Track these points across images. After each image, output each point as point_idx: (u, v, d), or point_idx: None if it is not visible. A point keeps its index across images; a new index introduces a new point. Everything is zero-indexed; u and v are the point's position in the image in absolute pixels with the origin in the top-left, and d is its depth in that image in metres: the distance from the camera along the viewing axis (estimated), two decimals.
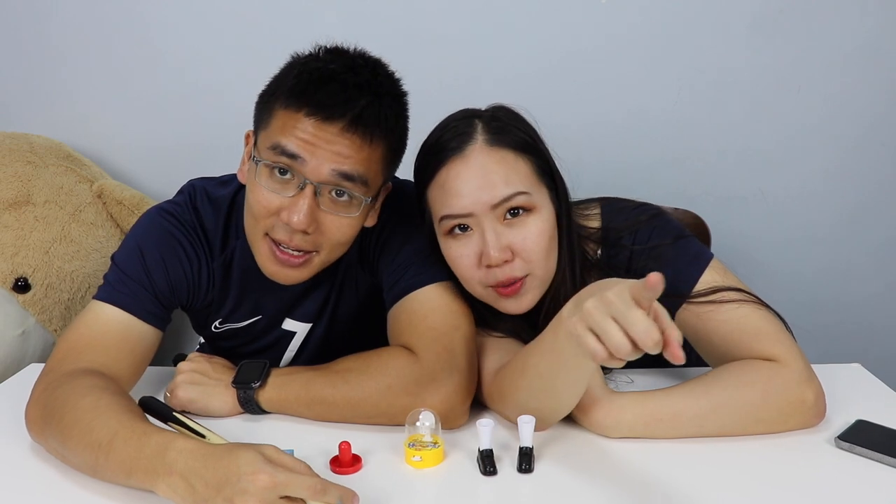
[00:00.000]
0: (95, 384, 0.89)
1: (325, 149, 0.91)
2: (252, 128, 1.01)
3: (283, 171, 0.94)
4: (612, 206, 1.07)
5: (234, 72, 1.65)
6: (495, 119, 0.98)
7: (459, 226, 0.97)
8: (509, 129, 0.97)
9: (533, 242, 0.95)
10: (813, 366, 1.09)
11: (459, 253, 0.97)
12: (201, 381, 1.00)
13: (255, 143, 0.98)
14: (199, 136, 1.70)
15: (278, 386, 0.98)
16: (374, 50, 0.99)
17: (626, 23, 1.61)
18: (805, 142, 1.68)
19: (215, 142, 1.66)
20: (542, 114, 1.02)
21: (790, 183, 1.71)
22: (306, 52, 0.98)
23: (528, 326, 1.04)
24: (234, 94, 1.66)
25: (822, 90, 1.64)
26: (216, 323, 1.11)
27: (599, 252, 1.05)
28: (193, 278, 1.06)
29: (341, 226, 0.97)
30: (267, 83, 0.99)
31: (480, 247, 0.95)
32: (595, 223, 1.06)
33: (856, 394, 1.03)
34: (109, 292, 1.01)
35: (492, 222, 0.94)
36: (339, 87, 0.91)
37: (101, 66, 1.69)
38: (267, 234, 0.98)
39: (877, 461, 0.86)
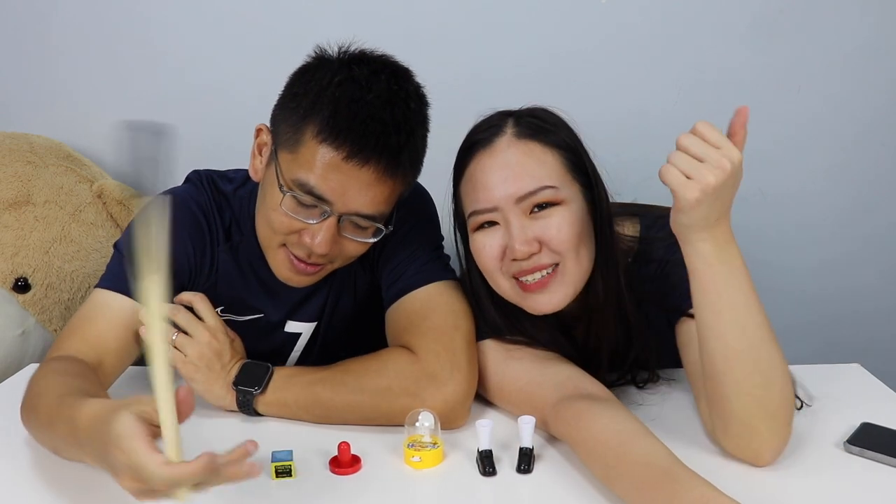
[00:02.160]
0: (58, 368, 0.89)
1: (354, 190, 0.91)
2: (260, 122, 1.00)
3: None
4: (649, 218, 1.04)
5: (235, 72, 1.66)
6: (528, 116, 0.97)
7: (487, 222, 0.95)
8: (541, 125, 0.95)
9: (561, 232, 0.91)
10: (813, 367, 1.10)
11: (483, 243, 0.95)
12: (211, 364, 0.98)
13: (276, 155, 0.94)
14: (199, 136, 1.69)
15: (277, 389, 0.98)
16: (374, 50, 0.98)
17: (626, 23, 1.61)
18: (805, 142, 1.67)
19: (216, 142, 1.66)
20: None
21: (790, 182, 1.70)
22: (334, 56, 0.94)
23: (567, 340, 1.03)
24: (234, 94, 1.67)
25: (822, 90, 1.64)
26: (218, 310, 1.10)
27: (629, 261, 1.02)
28: (196, 262, 1.05)
29: (358, 246, 0.99)
30: (291, 85, 0.95)
31: (505, 240, 0.92)
32: (629, 231, 1.03)
33: (856, 395, 1.03)
34: (107, 278, 1.01)
35: (518, 217, 0.92)
36: (378, 127, 0.89)
37: (101, 66, 1.68)
38: (283, 245, 0.98)
39: (887, 464, 0.86)
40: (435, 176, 1.06)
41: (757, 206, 1.72)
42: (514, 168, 0.92)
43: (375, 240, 0.99)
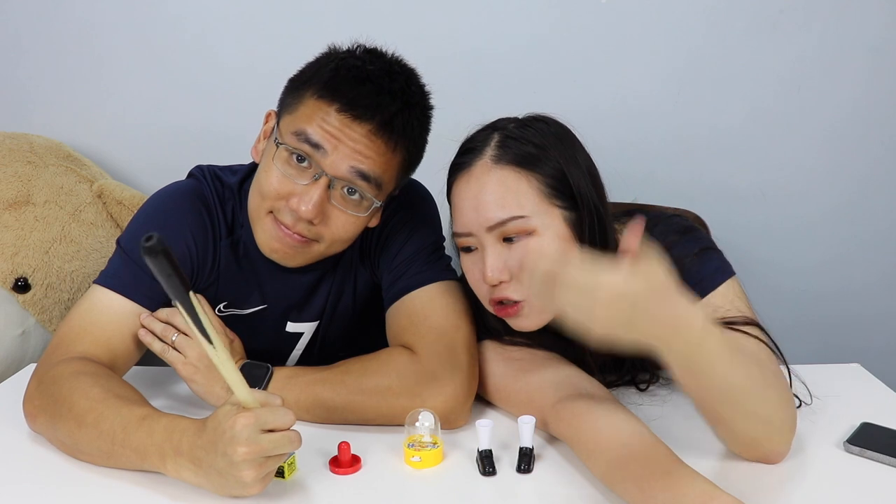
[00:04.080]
0: (97, 371, 0.91)
1: (348, 145, 0.93)
2: (270, 109, 1.03)
3: (301, 159, 0.94)
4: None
5: (235, 72, 1.66)
6: (513, 138, 0.95)
7: (467, 247, 0.96)
8: (520, 146, 0.94)
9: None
10: (813, 367, 1.10)
11: (468, 268, 0.97)
12: (210, 364, 0.95)
13: (278, 125, 0.98)
14: (200, 136, 1.70)
15: (277, 390, 0.97)
16: None
17: (626, 22, 1.61)
18: (805, 142, 1.67)
19: (216, 142, 1.66)
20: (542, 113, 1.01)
21: (790, 182, 1.70)
22: (344, 48, 0.99)
23: (566, 344, 1.02)
24: (234, 93, 1.67)
25: (822, 90, 1.64)
26: (220, 306, 1.10)
27: None
28: (199, 257, 1.05)
29: (346, 222, 0.98)
30: (300, 69, 1.00)
31: (481, 266, 0.94)
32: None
33: (857, 395, 1.03)
34: (110, 276, 1.01)
35: (492, 244, 0.93)
36: (373, 88, 0.93)
37: (101, 66, 1.68)
38: (271, 213, 0.98)
39: (887, 464, 0.86)
40: (434, 176, 1.06)
41: (757, 206, 1.72)
42: (485, 196, 0.92)
43: (365, 215, 0.98)
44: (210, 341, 0.72)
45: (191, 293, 0.69)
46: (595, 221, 0.94)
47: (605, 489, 0.81)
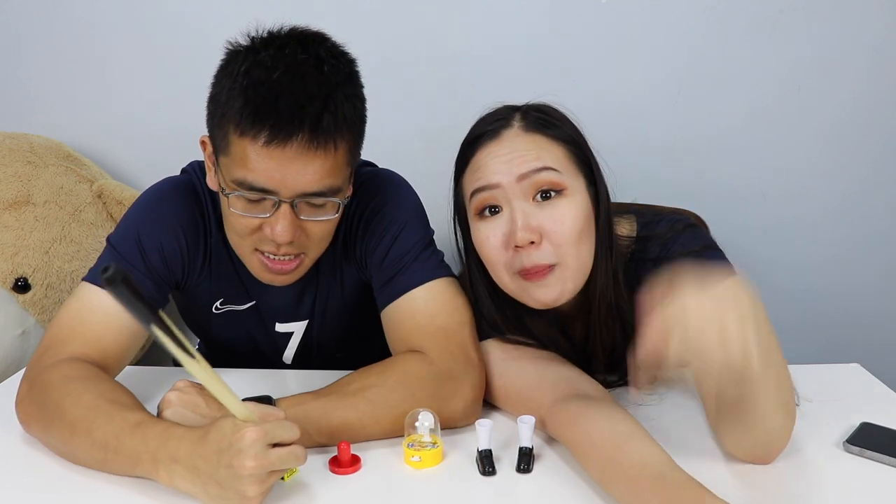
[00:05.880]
0: (88, 375, 0.89)
1: (291, 171, 0.88)
2: (203, 136, 1.00)
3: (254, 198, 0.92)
4: (646, 217, 1.04)
5: None
6: (534, 111, 0.98)
7: (490, 208, 0.94)
8: (546, 119, 0.96)
9: (564, 226, 0.91)
10: (813, 367, 1.10)
11: (486, 235, 0.94)
12: (191, 416, 0.87)
13: (217, 164, 0.95)
14: (200, 136, 1.70)
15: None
16: (372, 48, 0.98)
17: (626, 22, 1.61)
18: (805, 142, 1.68)
19: None
20: None
21: (790, 182, 1.71)
22: (242, 46, 0.94)
23: (565, 339, 1.02)
24: None
25: (822, 90, 1.64)
26: (217, 303, 1.10)
27: (626, 260, 1.02)
28: (190, 251, 1.04)
29: (323, 227, 0.96)
30: (210, 89, 0.96)
31: (509, 226, 0.92)
32: (626, 231, 1.03)
33: (856, 395, 1.03)
34: (99, 274, 0.99)
35: (521, 199, 0.92)
36: (291, 102, 0.87)
37: (102, 66, 1.69)
38: (256, 249, 0.97)
39: (886, 464, 0.86)
40: (436, 175, 1.06)
41: (757, 206, 1.72)
42: (520, 151, 0.93)
43: (337, 215, 0.96)
44: (191, 354, 0.70)
45: (161, 312, 0.68)
46: (608, 202, 0.96)
47: (605, 490, 0.81)
